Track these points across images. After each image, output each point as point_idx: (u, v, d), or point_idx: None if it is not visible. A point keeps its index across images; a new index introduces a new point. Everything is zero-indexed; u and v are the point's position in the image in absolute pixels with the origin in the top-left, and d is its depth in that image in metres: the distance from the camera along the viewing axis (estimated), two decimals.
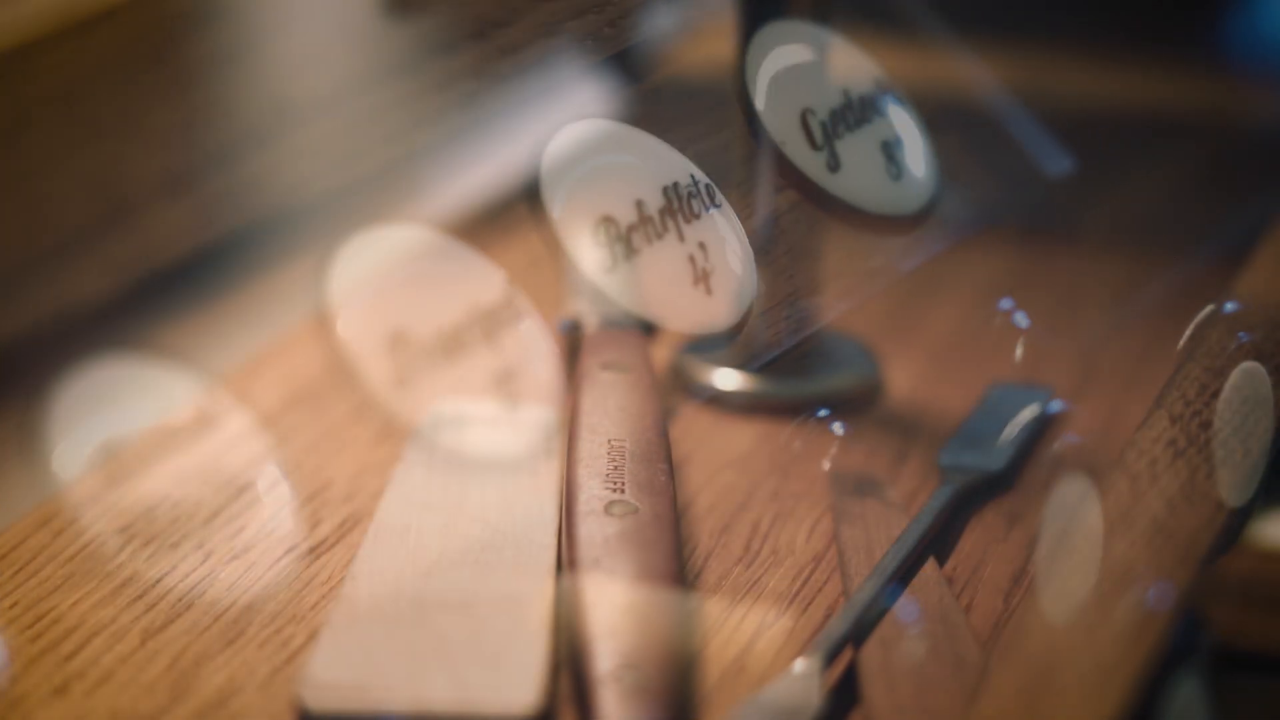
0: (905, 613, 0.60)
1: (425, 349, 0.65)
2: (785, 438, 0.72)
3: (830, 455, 0.71)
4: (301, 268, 0.91)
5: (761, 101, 0.68)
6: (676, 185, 0.67)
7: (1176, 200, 0.93)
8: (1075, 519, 0.58)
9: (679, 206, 0.67)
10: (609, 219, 0.68)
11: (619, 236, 0.68)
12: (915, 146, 0.70)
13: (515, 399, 0.71)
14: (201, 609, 0.61)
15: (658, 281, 0.71)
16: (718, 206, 0.68)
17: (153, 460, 0.69)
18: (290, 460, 0.70)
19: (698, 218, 0.68)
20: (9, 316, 0.71)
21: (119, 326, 0.85)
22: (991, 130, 0.88)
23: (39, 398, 0.79)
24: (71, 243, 0.78)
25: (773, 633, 0.61)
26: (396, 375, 0.65)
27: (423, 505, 0.65)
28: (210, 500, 0.67)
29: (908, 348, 0.79)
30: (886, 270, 0.83)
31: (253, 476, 0.69)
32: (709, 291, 0.68)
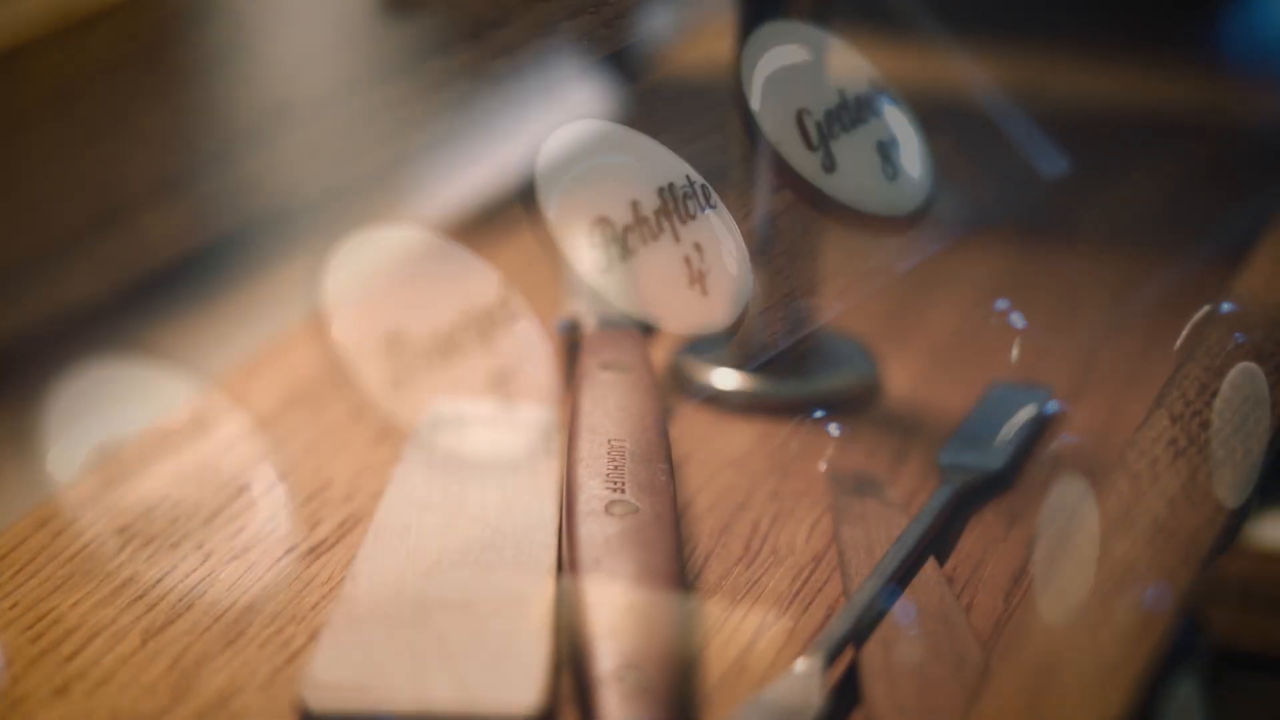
0: (906, 612, 0.60)
1: (421, 350, 0.65)
2: (784, 437, 0.72)
3: (829, 455, 0.71)
4: (297, 268, 0.91)
5: (757, 102, 0.68)
6: (672, 186, 0.67)
7: (1174, 200, 0.93)
8: (1076, 518, 0.58)
9: (674, 207, 0.67)
10: (604, 220, 0.68)
11: (614, 237, 0.68)
12: (911, 147, 0.70)
13: (512, 399, 0.71)
14: (202, 609, 0.61)
15: (653, 282, 0.71)
16: (713, 207, 0.68)
17: (151, 461, 0.69)
18: (289, 460, 0.70)
19: (693, 218, 0.67)
20: (5, 317, 0.71)
21: (115, 327, 0.85)
22: (987, 131, 0.88)
23: (35, 399, 0.79)
24: (67, 244, 0.78)
25: (773, 632, 0.61)
26: (393, 376, 0.65)
27: (423, 505, 0.65)
28: (210, 500, 0.67)
29: (907, 347, 0.79)
30: (884, 270, 0.83)
31: (252, 477, 0.69)
32: (705, 292, 0.68)
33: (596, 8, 0.85)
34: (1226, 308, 0.69)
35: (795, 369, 0.75)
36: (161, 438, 0.71)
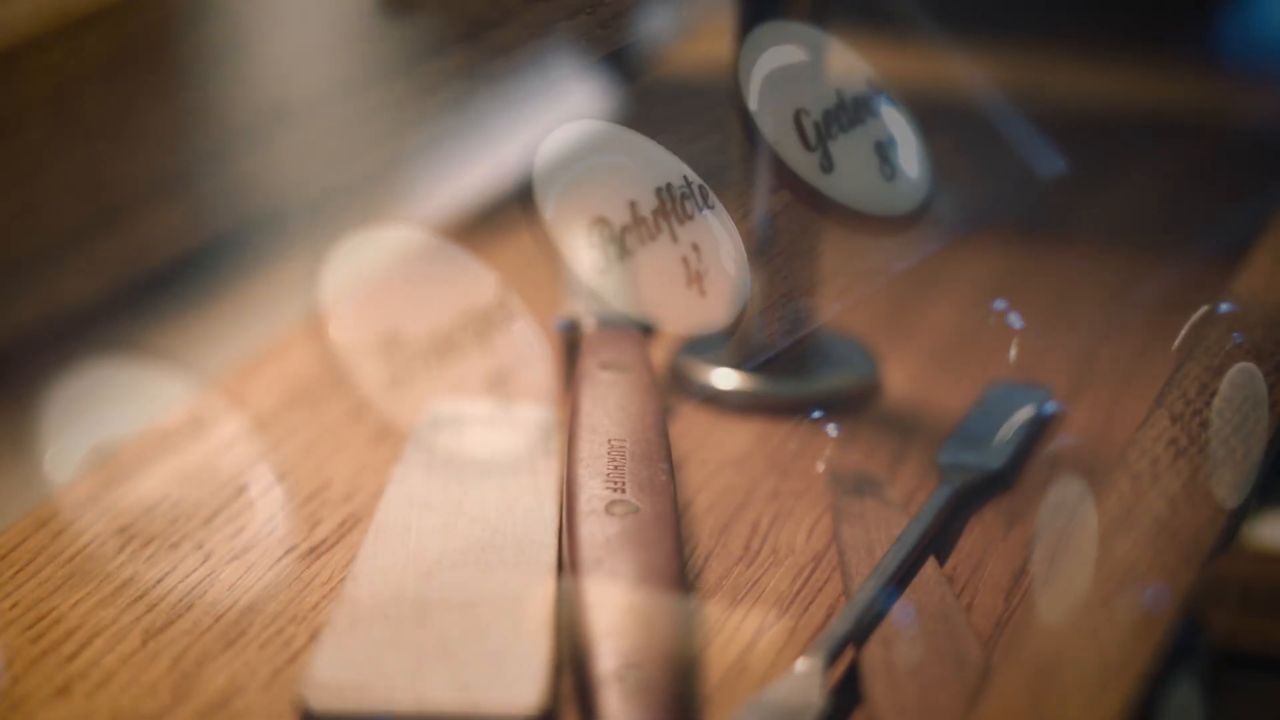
0: (906, 612, 0.60)
1: (419, 350, 0.65)
2: (783, 437, 0.72)
3: (829, 455, 0.71)
4: (295, 268, 0.91)
5: (755, 102, 0.68)
6: (670, 186, 0.67)
7: (1172, 199, 0.93)
8: (1077, 518, 0.58)
9: (672, 208, 0.67)
10: (602, 220, 0.68)
11: (612, 238, 0.68)
12: (909, 147, 0.70)
13: (510, 399, 0.71)
14: (202, 609, 0.61)
15: (651, 283, 0.71)
16: (711, 207, 0.68)
17: (151, 461, 0.69)
18: (288, 460, 0.70)
19: (691, 219, 0.68)
20: (3, 318, 0.70)
21: (112, 328, 0.85)
22: (985, 131, 0.88)
23: (33, 399, 0.79)
24: (65, 244, 0.77)
25: (774, 632, 0.61)
26: (391, 377, 0.65)
27: (422, 505, 0.65)
28: (209, 500, 0.67)
29: (905, 347, 0.79)
30: (882, 270, 0.83)
31: (251, 477, 0.69)
32: (703, 293, 0.68)
33: (594, 8, 0.85)
34: (1225, 308, 0.69)
35: (794, 369, 0.75)
36: (160, 438, 0.71)
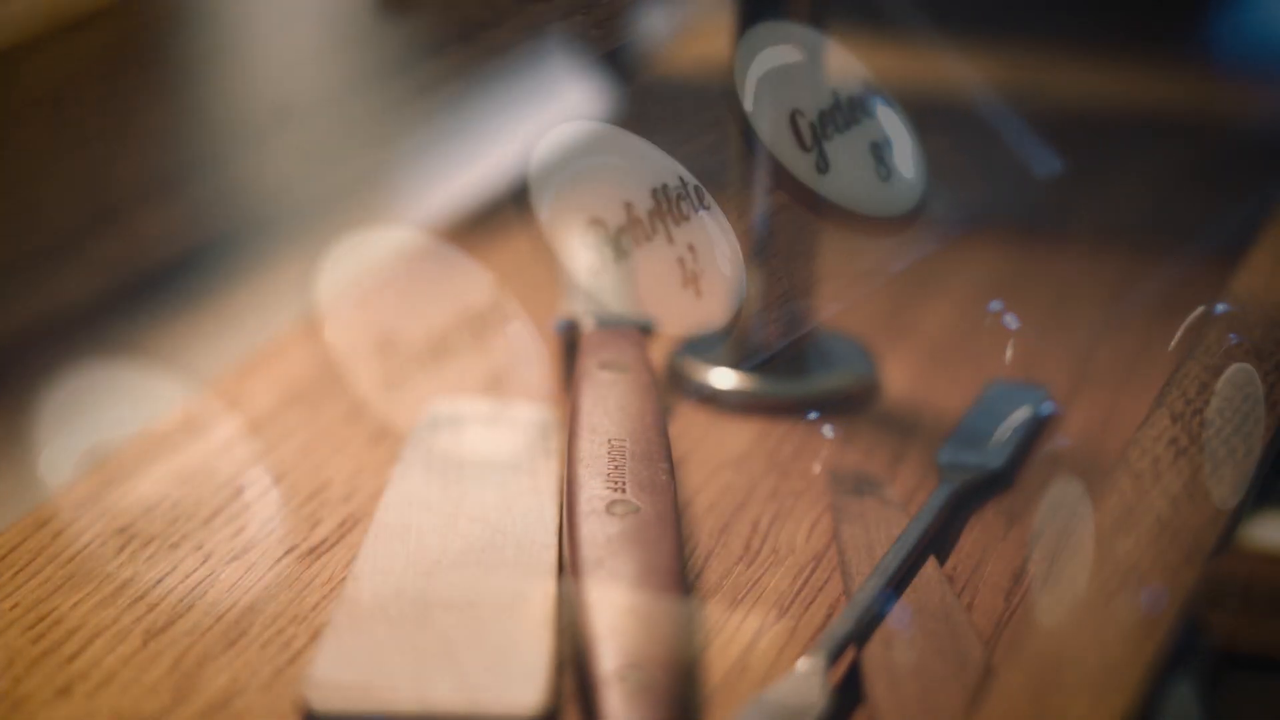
0: (907, 612, 0.60)
1: (415, 352, 0.65)
2: (782, 437, 0.72)
3: (828, 454, 0.71)
4: (290, 270, 0.91)
5: (750, 102, 0.68)
6: (665, 187, 0.67)
7: (1169, 199, 0.93)
8: (1078, 517, 0.58)
9: (668, 209, 0.67)
10: (598, 221, 0.68)
11: (609, 239, 0.68)
12: (904, 147, 0.70)
13: (506, 399, 0.71)
14: (203, 610, 0.61)
15: (648, 283, 0.71)
16: (707, 208, 0.68)
17: (149, 461, 0.69)
18: (287, 461, 0.70)
19: (687, 220, 0.68)
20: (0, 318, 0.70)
21: (108, 329, 0.85)
22: (982, 131, 0.88)
23: (30, 400, 0.79)
24: (61, 245, 0.77)
25: (774, 632, 0.61)
26: (387, 378, 0.65)
27: (422, 505, 0.65)
28: (209, 501, 0.67)
29: (904, 346, 0.79)
30: (879, 270, 0.83)
31: (250, 478, 0.69)
32: (699, 293, 0.68)
33: (589, 8, 0.85)
34: (1221, 308, 0.69)
35: (793, 368, 0.75)
36: (159, 438, 0.71)
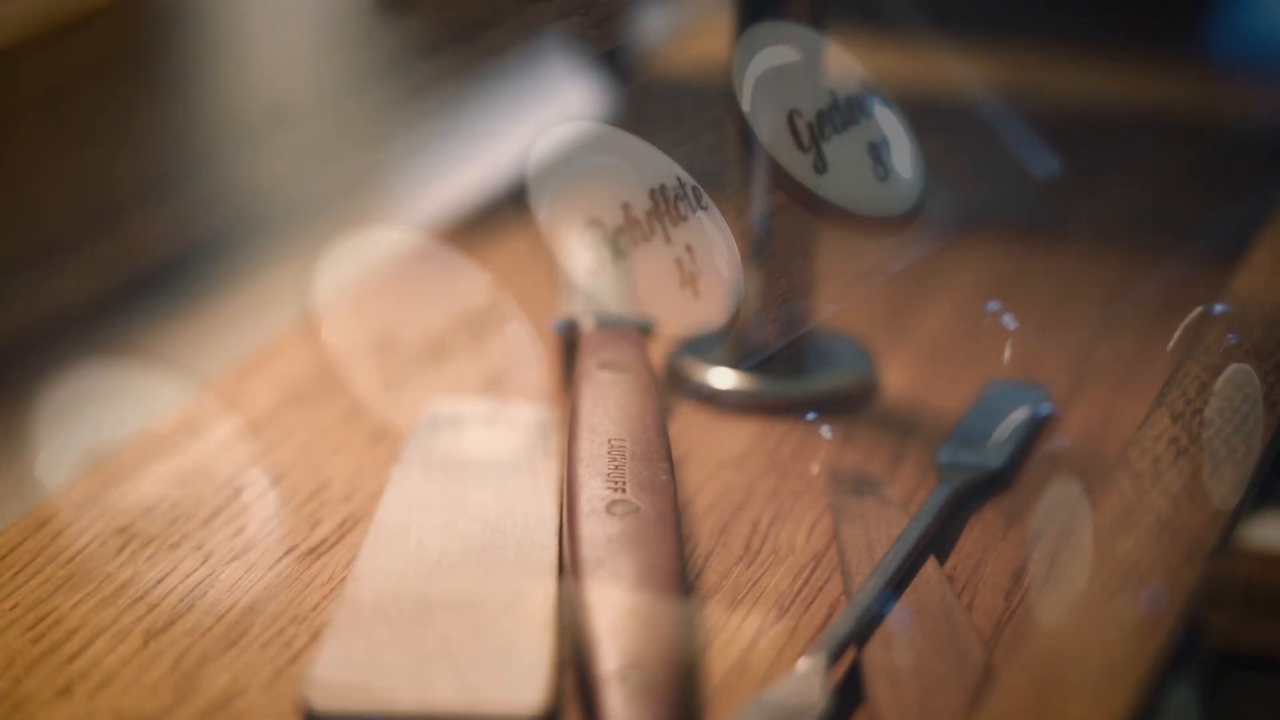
0: (908, 612, 0.60)
1: (413, 353, 0.65)
2: (782, 437, 0.72)
3: (827, 454, 0.71)
4: (288, 270, 0.91)
5: (748, 103, 0.68)
6: (663, 188, 0.67)
7: (1169, 199, 0.93)
8: (1079, 517, 0.58)
9: (666, 209, 0.67)
10: (596, 221, 0.68)
11: (606, 239, 0.68)
12: (902, 148, 0.70)
13: (504, 399, 0.71)
14: (203, 610, 0.61)
15: (646, 284, 0.71)
16: (705, 209, 0.68)
17: (149, 461, 0.69)
18: (286, 461, 0.70)
19: (684, 220, 0.68)
20: None
21: (106, 330, 0.85)
22: (979, 131, 0.88)
23: (28, 401, 0.79)
24: (58, 246, 0.77)
25: (775, 632, 0.61)
26: (384, 379, 0.65)
27: (422, 505, 0.64)
28: (208, 501, 0.66)
29: (903, 346, 0.79)
30: (878, 270, 0.83)
31: (249, 478, 0.69)
32: (696, 294, 0.68)
33: (587, 8, 0.85)
34: (1220, 308, 0.69)
35: (792, 368, 0.75)
36: (158, 439, 0.71)
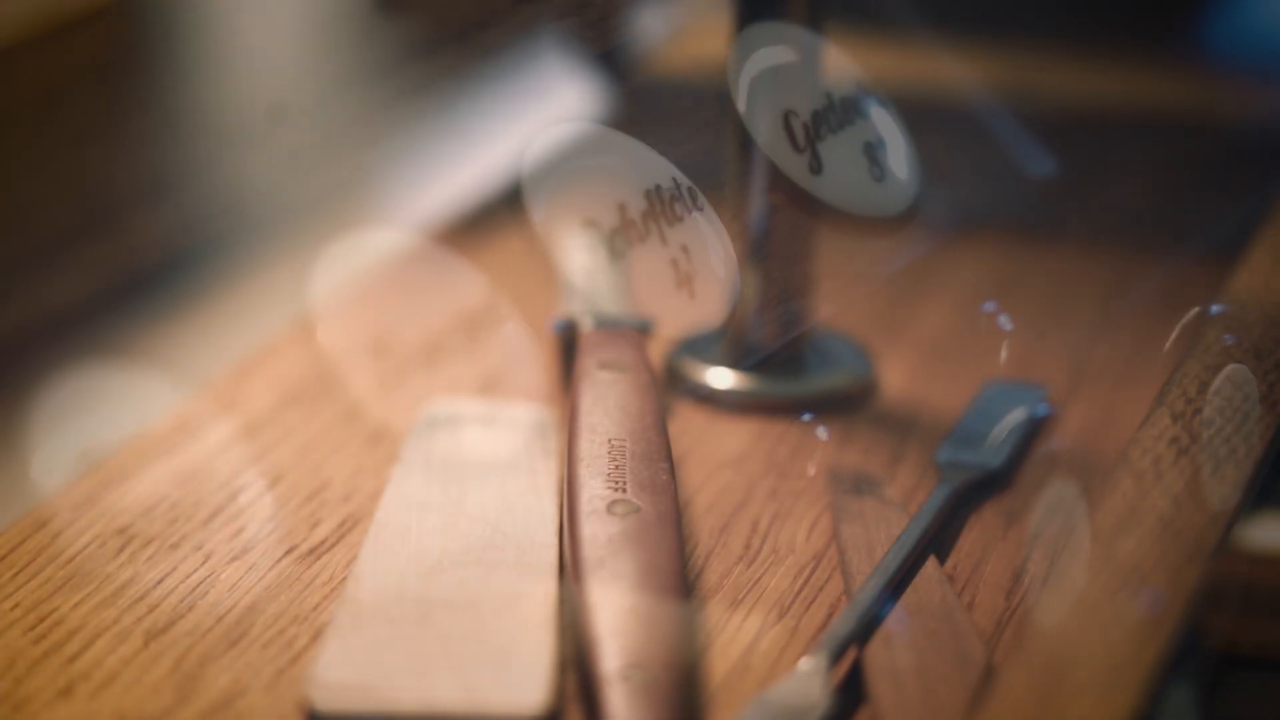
0: (908, 611, 0.60)
1: (409, 353, 0.65)
2: (781, 436, 0.72)
3: (826, 454, 0.71)
4: (284, 271, 0.91)
5: (744, 103, 0.68)
6: (659, 188, 0.67)
7: (1166, 198, 0.93)
8: (1080, 517, 0.58)
9: (661, 210, 0.67)
10: (592, 222, 0.68)
11: (602, 240, 0.68)
12: (898, 148, 0.70)
13: (501, 399, 0.71)
14: (204, 610, 0.60)
15: (642, 284, 0.71)
16: (700, 209, 0.68)
17: (148, 462, 0.69)
18: (286, 461, 0.70)
19: (680, 221, 0.68)
20: None
21: (103, 331, 0.85)
22: (976, 131, 0.88)
23: (25, 401, 0.79)
24: (56, 247, 0.77)
25: (776, 632, 0.61)
26: (381, 380, 0.65)
27: (422, 505, 0.64)
28: (208, 501, 0.66)
29: (901, 346, 0.79)
30: (875, 270, 0.83)
31: (248, 478, 0.68)
32: (692, 294, 0.68)
33: (584, 9, 0.85)
34: (1216, 308, 0.70)
35: (790, 368, 0.75)
36: (157, 439, 0.71)
